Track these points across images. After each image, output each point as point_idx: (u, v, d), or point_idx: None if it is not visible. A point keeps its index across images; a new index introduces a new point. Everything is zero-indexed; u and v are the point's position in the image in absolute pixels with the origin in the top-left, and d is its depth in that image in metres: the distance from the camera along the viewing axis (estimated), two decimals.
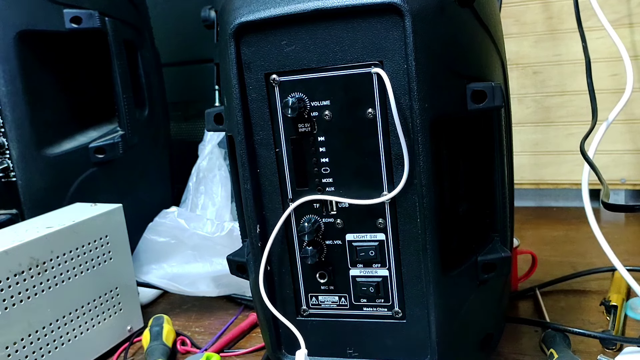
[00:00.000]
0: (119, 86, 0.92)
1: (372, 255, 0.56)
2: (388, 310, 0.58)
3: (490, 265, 0.57)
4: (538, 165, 1.16)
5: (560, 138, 1.13)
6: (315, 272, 0.59)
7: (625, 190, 1.13)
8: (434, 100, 0.51)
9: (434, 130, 0.52)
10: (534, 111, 1.14)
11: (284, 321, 0.59)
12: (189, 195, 1.03)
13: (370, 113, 0.53)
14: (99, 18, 0.86)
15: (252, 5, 0.53)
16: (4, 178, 0.83)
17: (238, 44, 0.55)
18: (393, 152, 0.53)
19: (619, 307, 0.71)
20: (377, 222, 0.55)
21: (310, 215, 0.58)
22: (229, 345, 0.76)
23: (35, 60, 0.84)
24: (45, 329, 0.67)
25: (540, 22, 1.10)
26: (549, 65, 1.11)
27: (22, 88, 0.81)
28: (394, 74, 0.51)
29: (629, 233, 1.02)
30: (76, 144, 0.90)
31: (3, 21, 0.79)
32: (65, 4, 0.84)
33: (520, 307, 0.78)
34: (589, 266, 0.84)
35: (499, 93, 0.52)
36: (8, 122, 0.81)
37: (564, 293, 0.80)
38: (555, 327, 0.67)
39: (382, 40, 0.51)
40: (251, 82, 0.55)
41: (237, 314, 0.84)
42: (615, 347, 0.65)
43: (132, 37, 0.97)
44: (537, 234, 1.05)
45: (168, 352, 0.72)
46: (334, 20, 0.52)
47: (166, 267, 0.89)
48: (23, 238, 0.66)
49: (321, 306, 0.60)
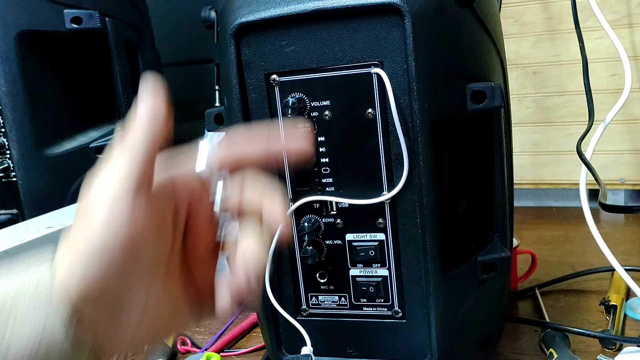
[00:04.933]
0: (120, 86, 0.92)
1: (372, 255, 0.56)
2: (388, 310, 0.58)
3: (490, 265, 0.57)
4: (537, 165, 1.16)
5: (559, 138, 1.13)
6: (315, 272, 0.59)
7: (624, 190, 1.13)
8: (433, 100, 0.51)
9: (433, 130, 0.52)
10: (533, 111, 1.14)
11: (289, 319, 0.59)
12: None
13: (370, 113, 0.53)
14: (99, 18, 0.86)
15: (252, 5, 0.53)
16: (5, 178, 0.83)
17: (238, 44, 0.55)
18: (393, 152, 0.53)
19: (618, 307, 0.71)
20: (377, 222, 0.55)
21: (310, 215, 0.58)
22: (229, 345, 0.76)
23: (35, 60, 0.84)
24: None
25: (540, 22, 1.10)
26: (549, 65, 1.11)
27: (22, 88, 0.82)
28: (394, 74, 0.51)
29: (628, 233, 1.02)
30: (77, 144, 0.90)
31: (3, 21, 0.79)
32: (66, 4, 0.84)
33: (520, 307, 0.78)
34: (589, 266, 0.84)
35: (499, 93, 0.52)
36: (8, 122, 0.81)
37: (564, 293, 0.80)
38: (554, 327, 0.67)
39: (382, 40, 0.51)
40: (251, 82, 0.55)
41: (237, 314, 0.84)
42: (614, 346, 0.65)
43: (132, 37, 0.97)
44: (536, 234, 1.05)
45: (168, 352, 0.72)
46: (334, 20, 0.52)
47: None
48: (23, 238, 0.66)
49: (321, 306, 0.60)
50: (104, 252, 0.30)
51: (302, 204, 0.57)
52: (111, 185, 0.30)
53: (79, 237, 0.30)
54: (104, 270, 0.30)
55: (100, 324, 0.31)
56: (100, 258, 0.30)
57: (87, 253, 0.30)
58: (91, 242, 0.30)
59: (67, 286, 0.30)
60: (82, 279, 0.30)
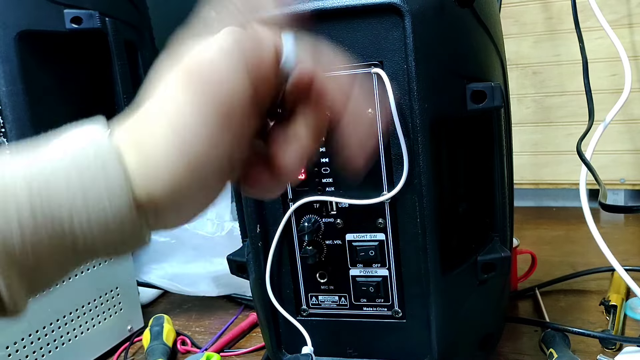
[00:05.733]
0: (120, 86, 0.92)
1: (372, 255, 0.56)
2: (388, 310, 0.58)
3: (490, 265, 0.57)
4: (538, 165, 1.16)
5: (559, 138, 1.13)
6: (315, 272, 0.59)
7: (624, 190, 1.13)
8: (433, 100, 0.51)
9: (433, 130, 0.52)
10: (533, 111, 1.14)
11: (290, 319, 0.59)
12: None
13: (370, 113, 0.53)
14: (99, 18, 0.86)
15: None
16: None
17: None
18: (393, 152, 0.53)
19: (618, 307, 0.71)
20: (377, 222, 0.55)
21: (310, 215, 0.58)
22: (229, 345, 0.76)
23: (35, 60, 0.84)
24: (45, 329, 0.67)
25: (540, 22, 1.10)
26: (549, 65, 1.11)
27: (22, 88, 0.81)
28: (393, 75, 0.51)
29: (628, 233, 1.02)
30: None
31: (3, 21, 0.79)
32: (66, 4, 0.84)
33: (520, 307, 0.78)
34: (589, 266, 0.84)
35: (499, 93, 0.52)
36: (8, 122, 0.81)
37: (564, 293, 0.80)
38: (555, 327, 0.67)
39: (382, 40, 0.51)
40: None
41: (237, 313, 0.84)
42: (614, 346, 0.65)
43: (132, 38, 0.97)
44: (536, 234, 1.05)
45: (168, 352, 0.72)
46: (334, 20, 0.52)
47: (166, 267, 0.89)
48: None
49: (321, 306, 0.60)
50: (196, 168, 0.28)
51: (302, 204, 0.57)
52: (234, 101, 0.29)
53: (168, 142, 0.28)
54: (193, 183, 0.29)
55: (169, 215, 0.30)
56: (192, 172, 0.28)
57: (177, 166, 0.28)
58: (186, 156, 0.28)
59: (147, 193, 0.29)
60: (167, 191, 0.29)
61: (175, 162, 0.29)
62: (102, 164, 0.28)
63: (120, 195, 0.28)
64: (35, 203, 0.27)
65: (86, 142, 0.29)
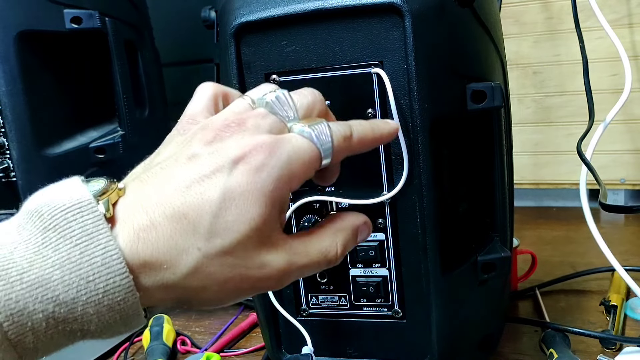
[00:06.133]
0: (119, 86, 0.92)
1: (372, 255, 0.56)
2: (388, 310, 0.58)
3: (490, 265, 0.57)
4: (538, 165, 1.16)
5: (560, 138, 1.13)
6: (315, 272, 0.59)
7: (624, 190, 1.13)
8: (433, 100, 0.51)
9: (433, 130, 0.52)
10: (533, 111, 1.14)
11: (290, 319, 0.59)
12: None
13: (370, 113, 0.53)
14: (99, 18, 0.86)
15: (252, 5, 0.53)
16: (4, 178, 0.83)
17: (238, 44, 0.55)
18: (393, 152, 0.53)
19: (618, 307, 0.71)
20: (377, 222, 0.55)
21: (310, 215, 0.58)
22: (229, 345, 0.76)
23: (35, 60, 0.84)
24: None
25: (540, 22, 1.10)
26: (549, 65, 1.11)
27: (22, 88, 0.81)
28: (394, 74, 0.51)
29: (629, 233, 1.02)
30: (76, 144, 0.90)
31: (3, 21, 0.79)
32: (65, 4, 0.84)
33: (520, 307, 0.78)
34: (589, 266, 0.84)
35: (499, 93, 0.52)
36: (8, 122, 0.81)
37: (564, 293, 0.80)
38: (555, 327, 0.67)
39: (382, 40, 0.51)
40: (251, 82, 0.55)
41: (237, 314, 0.84)
42: (615, 347, 0.65)
43: (132, 37, 0.97)
44: (536, 234, 1.05)
45: (168, 352, 0.72)
46: (334, 20, 0.52)
47: None
48: None
49: (321, 306, 0.60)
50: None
51: (302, 204, 0.57)
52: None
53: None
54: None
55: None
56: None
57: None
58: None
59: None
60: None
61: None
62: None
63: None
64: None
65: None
